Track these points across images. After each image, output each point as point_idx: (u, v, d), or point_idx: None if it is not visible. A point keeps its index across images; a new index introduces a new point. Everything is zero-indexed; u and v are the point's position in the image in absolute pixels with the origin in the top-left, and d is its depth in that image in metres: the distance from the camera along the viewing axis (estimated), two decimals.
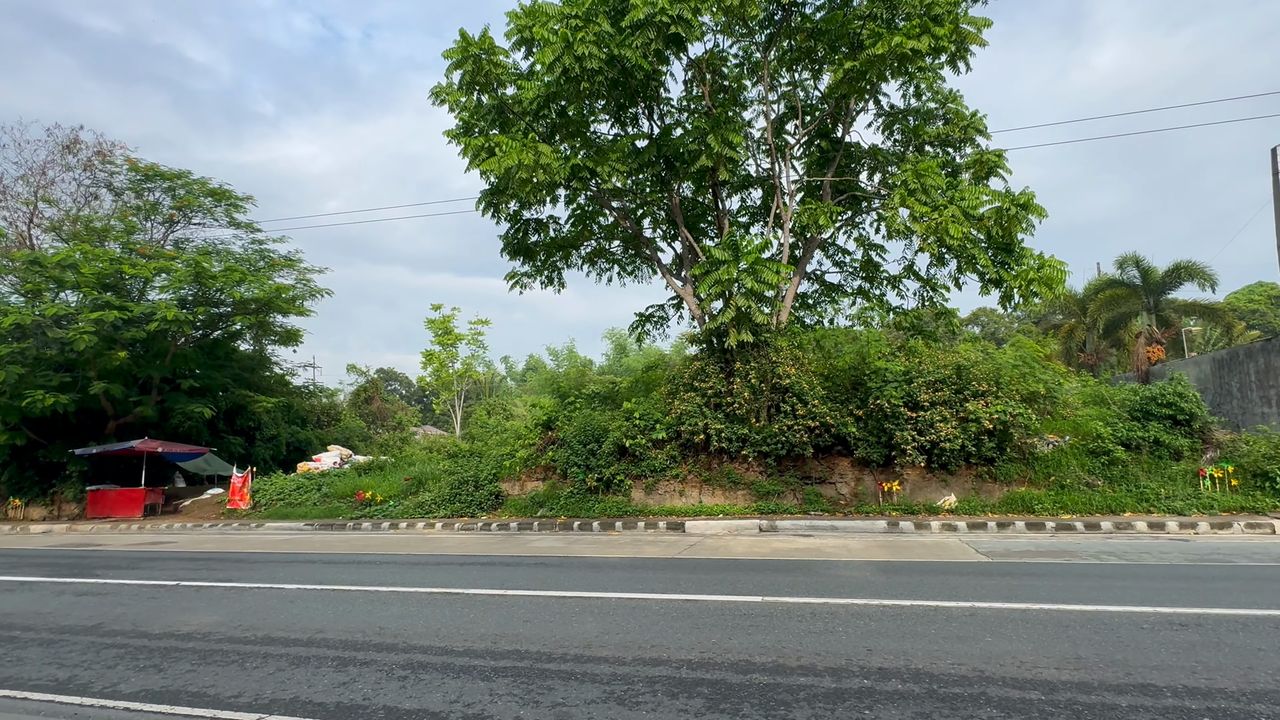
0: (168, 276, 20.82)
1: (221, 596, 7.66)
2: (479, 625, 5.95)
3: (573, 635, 5.54)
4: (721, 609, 6.40)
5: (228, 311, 22.17)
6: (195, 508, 21.52)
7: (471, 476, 18.32)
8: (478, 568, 9.61)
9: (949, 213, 15.06)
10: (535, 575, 8.76)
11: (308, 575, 9.17)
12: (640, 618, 6.08)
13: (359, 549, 12.50)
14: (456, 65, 15.76)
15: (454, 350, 50.82)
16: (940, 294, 19.87)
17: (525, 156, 14.04)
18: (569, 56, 13.60)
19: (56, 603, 7.53)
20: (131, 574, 9.71)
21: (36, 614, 6.99)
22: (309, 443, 29.41)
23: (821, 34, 15.57)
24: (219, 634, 5.89)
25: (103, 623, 6.46)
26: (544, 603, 6.88)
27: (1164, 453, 14.70)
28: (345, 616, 6.42)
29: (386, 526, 17.07)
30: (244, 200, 25.81)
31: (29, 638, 5.98)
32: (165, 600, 7.53)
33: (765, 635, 5.42)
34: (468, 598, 7.19)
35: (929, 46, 14.22)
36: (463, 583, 8.18)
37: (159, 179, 24.38)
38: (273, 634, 5.83)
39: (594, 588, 7.69)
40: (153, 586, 8.48)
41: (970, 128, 18.05)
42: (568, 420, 18.48)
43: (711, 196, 18.59)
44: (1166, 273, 22.83)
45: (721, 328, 15.97)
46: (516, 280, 21.77)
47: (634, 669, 4.64)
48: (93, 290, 18.93)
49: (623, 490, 17.15)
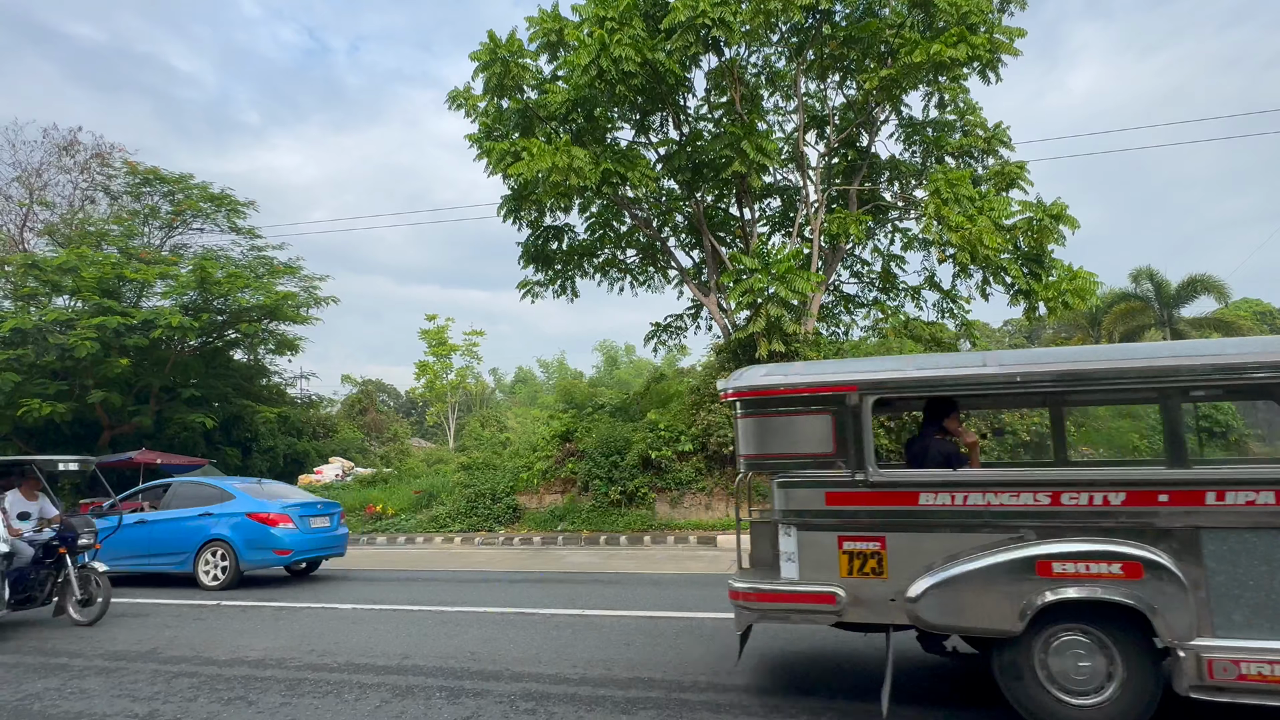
0: (170, 282, 20.15)
1: (273, 617, 7.14)
2: (576, 649, 5.52)
3: (693, 660, 5.13)
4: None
5: (230, 319, 21.49)
6: None
7: (488, 489, 17.79)
8: (532, 585, 9.14)
9: (982, 222, 14.93)
10: (599, 593, 8.31)
11: (354, 593, 8.64)
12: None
13: (389, 565, 11.95)
14: (484, 67, 15.41)
15: (448, 361, 50.20)
16: (960, 306, 19.78)
17: (559, 159, 13.69)
18: (606, 58, 13.30)
19: (90, 627, 6.97)
20: (161, 592, 9.12)
21: (78, 637, 6.44)
22: (307, 454, 28.62)
23: (854, 41, 15.42)
24: (295, 660, 5.40)
25: (157, 647, 5.93)
26: (636, 624, 6.45)
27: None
28: (425, 640, 5.95)
29: (403, 541, 16.48)
30: (245, 205, 25.20)
31: (81, 665, 5.45)
32: (213, 621, 7.00)
33: None
34: (546, 618, 6.75)
35: (966, 55, 14.12)
36: (528, 601, 7.72)
37: (159, 183, 23.72)
38: (355, 660, 5.36)
39: (674, 606, 7.27)
40: (192, 606, 7.92)
41: (995, 139, 18.01)
42: (587, 432, 18.04)
43: (737, 205, 18.34)
44: (1181, 286, 22.97)
45: (750, 338, 15.68)
46: (529, 289, 21.37)
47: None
48: (94, 295, 18.21)
49: (646, 503, 16.70)
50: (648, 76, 14.52)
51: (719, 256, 18.33)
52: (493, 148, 15.91)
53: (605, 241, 19.34)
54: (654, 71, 14.48)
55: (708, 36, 13.24)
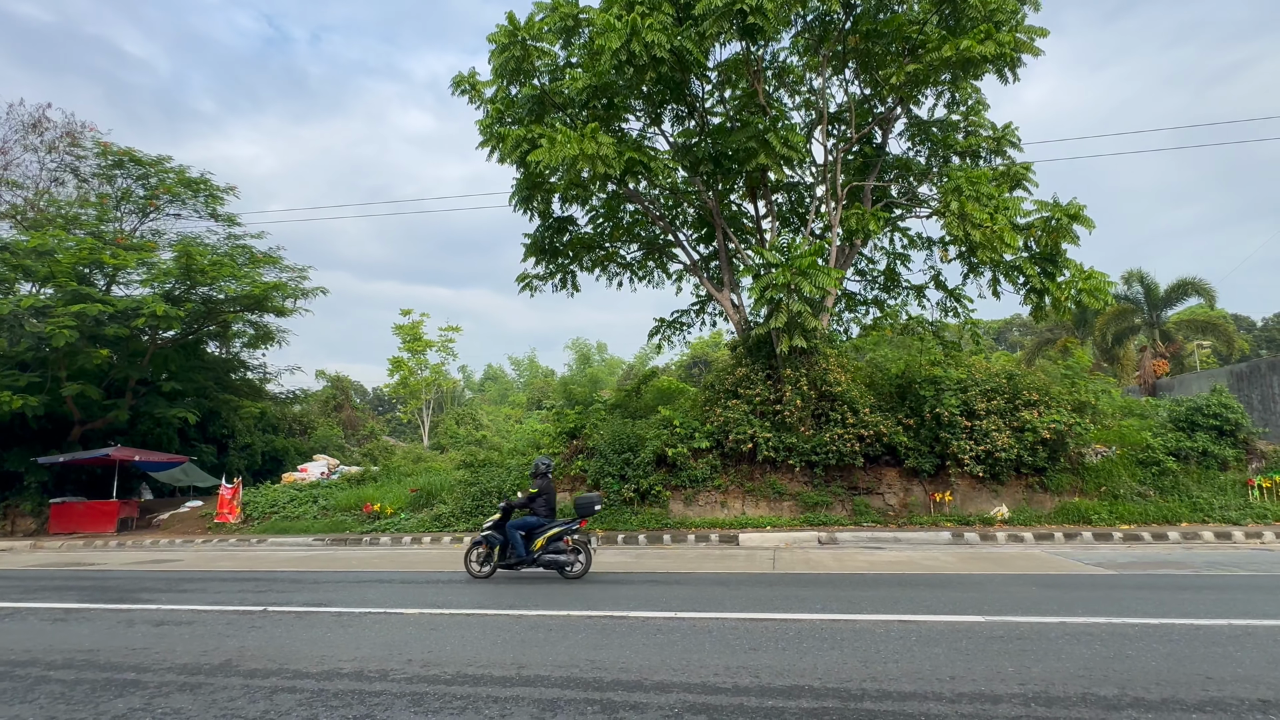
0: (149, 269, 19.04)
1: (337, 623, 6.60)
2: (698, 655, 5.14)
3: (830, 667, 4.81)
4: (953, 631, 5.77)
5: (213, 308, 20.40)
6: (174, 522, 19.65)
7: (494, 488, 17.22)
8: (588, 587, 8.72)
9: (1001, 220, 14.97)
10: (671, 594, 7.94)
11: (403, 597, 8.12)
12: (893, 643, 5.39)
13: (409, 566, 11.38)
14: (502, 50, 14.90)
15: (423, 357, 48.99)
16: (964, 304, 19.89)
17: (587, 146, 13.24)
18: (637, 43, 12.90)
19: (139, 636, 6.33)
20: (188, 598, 8.43)
21: (129, 650, 5.81)
22: (286, 452, 27.53)
23: (877, 36, 15.32)
24: (397, 670, 4.92)
25: (230, 660, 5.37)
26: (741, 626, 6.11)
27: (1211, 463, 14.85)
28: (528, 647, 5.51)
29: (409, 541, 15.82)
30: (225, 191, 24.11)
31: (154, 680, 4.88)
32: (272, 629, 6.42)
33: (1048, 662, 4.81)
34: (642, 621, 6.36)
35: (993, 52, 14.12)
36: (603, 604, 7.32)
37: (133, 165, 22.48)
38: (466, 670, 4.90)
39: (753, 607, 6.95)
40: (237, 613, 7.30)
41: (1004, 140, 18.14)
42: (596, 429, 17.60)
43: (751, 199, 18.11)
44: (1170, 289, 23.61)
45: (769, 334, 15.46)
46: (527, 282, 20.92)
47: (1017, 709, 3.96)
48: (71, 281, 17.04)
49: (660, 501, 16.37)
50: (672, 65, 14.18)
51: (729, 251, 18.09)
52: (507, 134, 15.39)
53: (617, 233, 18.90)
54: (679, 59, 14.15)
55: (743, 24, 12.92)
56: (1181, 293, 23.38)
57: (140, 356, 19.78)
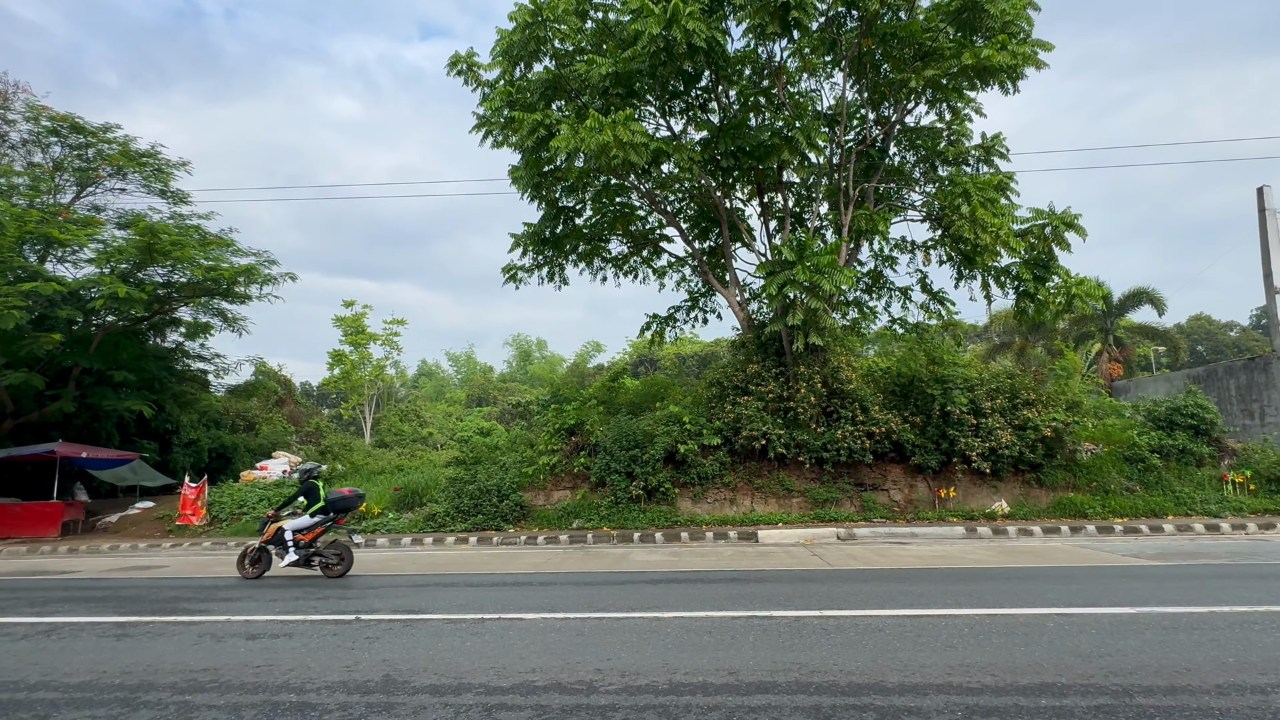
0: (103, 247, 17.32)
1: (451, 630, 6.04)
2: (894, 655, 4.96)
3: (1062, 661, 4.72)
4: (1116, 622, 5.79)
5: (173, 292, 18.72)
6: (126, 524, 17.93)
7: (494, 486, 16.51)
8: (679, 585, 8.40)
9: (1004, 224, 15.50)
10: (780, 592, 7.72)
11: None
12: (1078, 636, 5.35)
13: (427, 569, 10.76)
14: (522, 28, 14.27)
15: (366, 351, 46.86)
16: (947, 307, 20.53)
17: (622, 133, 12.83)
18: (678, 29, 12.58)
19: (244, 652, 5.55)
20: (241, 607, 7.58)
21: (254, 668, 5.08)
22: (235, 449, 25.69)
23: (893, 38, 15.55)
24: (603, 683, 4.50)
25: (390, 675, 4.79)
26: (897, 623, 5.95)
27: (1189, 460, 15.84)
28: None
29: (408, 542, 14.99)
30: (177, 166, 22.26)
31: (333, 702, 4.26)
32: (392, 640, 5.80)
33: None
34: (792, 621, 6.11)
35: (1008, 62, 14.55)
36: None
37: (72, 133, 20.43)
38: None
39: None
40: (330, 622, 6.60)
41: (992, 150, 18.76)
42: (598, 425, 17.17)
43: (758, 195, 18.07)
44: (1124, 297, 25.27)
45: (779, 331, 15.47)
46: (513, 274, 20.31)
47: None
48: (18, 257, 15.25)
49: (669, 499, 16.12)
50: (705, 55, 13.95)
51: (730, 248, 18.02)
52: (522, 118, 14.78)
53: (616, 225, 18.51)
54: (710, 50, 13.93)
55: (785, 16, 12.81)
56: (1135, 301, 25.13)
57: (86, 343, 17.95)
